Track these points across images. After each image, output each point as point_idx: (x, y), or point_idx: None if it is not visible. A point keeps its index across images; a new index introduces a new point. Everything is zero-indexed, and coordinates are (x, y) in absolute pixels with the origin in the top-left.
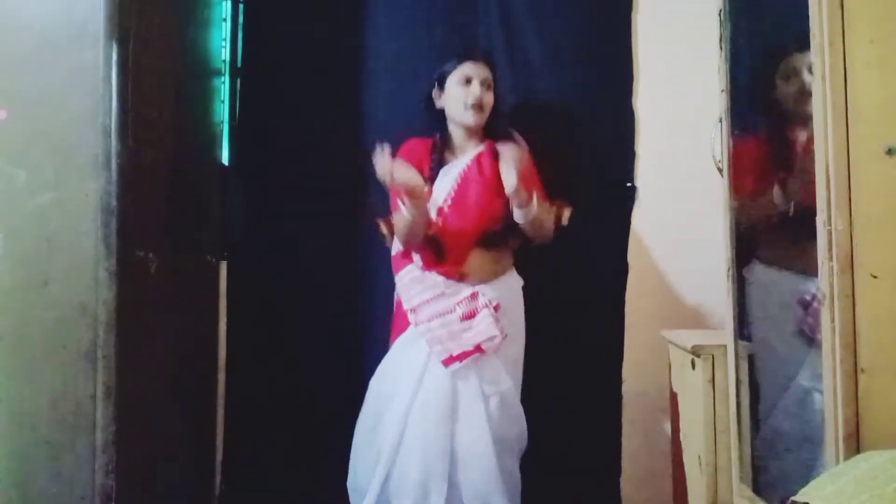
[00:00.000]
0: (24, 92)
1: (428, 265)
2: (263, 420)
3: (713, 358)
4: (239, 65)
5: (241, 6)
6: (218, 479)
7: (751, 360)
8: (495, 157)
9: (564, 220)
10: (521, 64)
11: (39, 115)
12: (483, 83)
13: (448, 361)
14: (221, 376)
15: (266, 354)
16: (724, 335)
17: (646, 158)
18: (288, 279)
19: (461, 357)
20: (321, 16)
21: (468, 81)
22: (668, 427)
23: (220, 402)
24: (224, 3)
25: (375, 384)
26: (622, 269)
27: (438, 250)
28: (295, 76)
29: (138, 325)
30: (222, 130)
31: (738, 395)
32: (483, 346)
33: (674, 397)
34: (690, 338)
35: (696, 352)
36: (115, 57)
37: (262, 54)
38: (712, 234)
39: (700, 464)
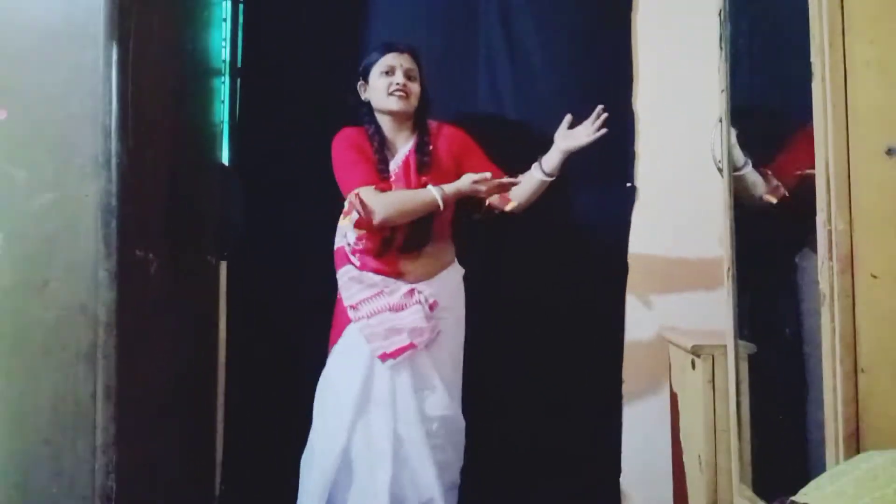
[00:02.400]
0: (24, 91)
1: (365, 266)
2: (263, 420)
3: (713, 358)
4: (239, 65)
5: (241, 6)
6: (218, 479)
7: (798, 352)
8: (420, 150)
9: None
10: (522, 64)
11: (40, 115)
12: (406, 73)
13: (383, 358)
14: (221, 376)
15: (266, 354)
16: (725, 335)
17: (646, 158)
18: (288, 279)
19: (395, 354)
20: (321, 16)
21: (390, 71)
22: (668, 427)
23: (221, 401)
24: (224, 3)
25: (319, 397)
26: (622, 269)
27: (378, 249)
28: (295, 76)
29: (138, 325)
30: (222, 130)
31: (738, 395)
32: (415, 342)
33: (674, 397)
34: (690, 338)
35: (695, 352)
36: (115, 57)
37: (262, 54)
38: (712, 233)
39: (700, 464)
